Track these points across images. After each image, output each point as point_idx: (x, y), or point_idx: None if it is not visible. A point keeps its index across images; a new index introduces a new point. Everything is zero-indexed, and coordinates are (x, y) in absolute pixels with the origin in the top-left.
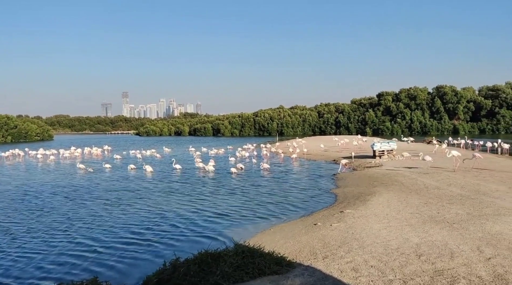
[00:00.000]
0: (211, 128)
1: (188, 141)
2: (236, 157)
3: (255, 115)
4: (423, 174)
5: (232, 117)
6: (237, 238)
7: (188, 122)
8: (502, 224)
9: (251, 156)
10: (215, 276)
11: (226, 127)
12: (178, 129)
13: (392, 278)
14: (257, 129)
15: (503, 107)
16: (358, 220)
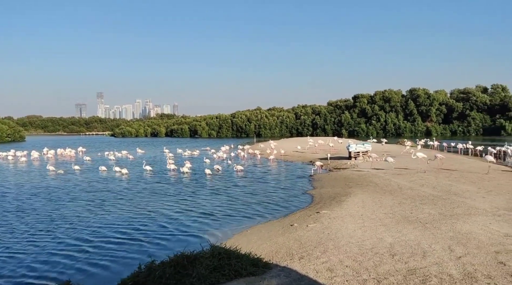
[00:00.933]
0: (188, 129)
1: (164, 143)
2: (213, 158)
3: (232, 117)
4: (397, 175)
5: (209, 118)
6: (214, 240)
7: (164, 123)
8: (472, 223)
9: (228, 157)
10: (191, 278)
11: (204, 129)
12: (155, 131)
13: (367, 278)
14: (235, 131)
15: (473, 110)
16: (333, 221)
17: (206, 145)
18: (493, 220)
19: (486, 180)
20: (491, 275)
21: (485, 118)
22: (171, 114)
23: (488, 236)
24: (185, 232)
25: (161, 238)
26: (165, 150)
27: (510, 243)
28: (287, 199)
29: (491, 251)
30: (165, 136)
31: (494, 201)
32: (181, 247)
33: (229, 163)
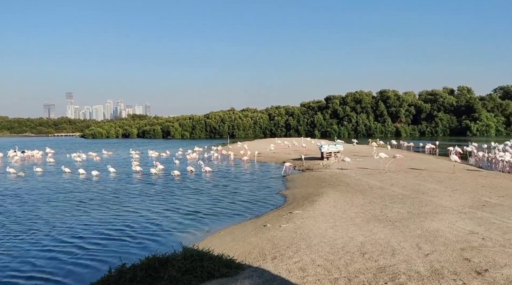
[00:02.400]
0: (161, 130)
1: (136, 144)
2: (186, 159)
3: (206, 117)
4: (367, 175)
5: (182, 119)
6: (186, 242)
7: (136, 124)
8: (439, 221)
9: (201, 158)
10: (162, 281)
11: (176, 130)
12: (126, 132)
13: (338, 277)
14: (208, 132)
15: (441, 111)
16: (306, 221)
17: (179, 146)
18: (459, 217)
19: (453, 179)
20: (457, 271)
21: (451, 119)
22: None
23: (454, 234)
24: (157, 234)
25: (133, 241)
26: (131, 151)
27: (474, 240)
28: (260, 200)
29: (457, 248)
30: (137, 137)
31: (460, 199)
32: (153, 249)
33: (200, 164)
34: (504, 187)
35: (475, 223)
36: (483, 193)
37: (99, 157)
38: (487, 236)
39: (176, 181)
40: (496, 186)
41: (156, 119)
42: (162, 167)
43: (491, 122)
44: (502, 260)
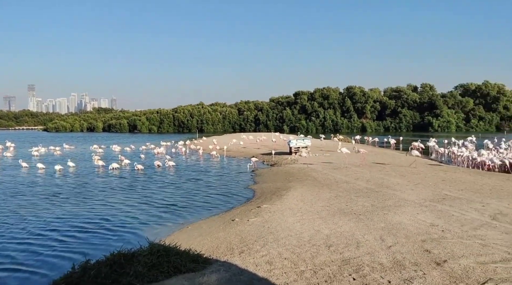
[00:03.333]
0: (127, 124)
1: (101, 138)
2: (154, 154)
3: (174, 112)
4: (334, 169)
5: (150, 113)
6: (153, 237)
7: (102, 117)
8: (401, 214)
9: (169, 153)
10: (128, 277)
11: (144, 124)
12: (91, 125)
13: (304, 269)
14: (177, 126)
15: (404, 107)
16: (274, 214)
17: (146, 140)
18: (420, 210)
19: (415, 173)
20: (418, 262)
21: (415, 115)
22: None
23: (416, 226)
24: (122, 230)
25: (98, 236)
26: (94, 146)
27: (434, 232)
28: (229, 194)
29: (418, 240)
30: (103, 131)
31: (421, 192)
32: (118, 245)
33: (165, 158)
34: (463, 181)
35: (435, 215)
36: (443, 186)
37: (61, 151)
38: (447, 228)
39: (141, 176)
40: (456, 180)
41: (122, 113)
42: (128, 161)
43: (452, 119)
44: (460, 251)
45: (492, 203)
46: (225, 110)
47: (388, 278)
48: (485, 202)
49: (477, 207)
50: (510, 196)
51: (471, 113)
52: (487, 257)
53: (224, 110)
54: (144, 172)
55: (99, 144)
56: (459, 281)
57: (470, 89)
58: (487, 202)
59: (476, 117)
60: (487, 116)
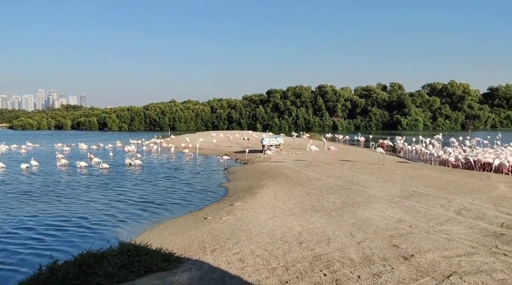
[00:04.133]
0: (97, 122)
1: (70, 136)
2: (125, 151)
3: (145, 109)
4: (306, 167)
5: (120, 110)
6: (123, 237)
7: (70, 115)
8: (370, 210)
9: (140, 151)
10: (97, 277)
11: (114, 121)
12: (59, 123)
13: (276, 266)
14: (148, 124)
15: (374, 106)
16: (246, 212)
17: (117, 138)
18: (389, 206)
19: (384, 171)
20: (386, 257)
21: (384, 114)
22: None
23: (384, 222)
24: (93, 229)
25: (67, 236)
26: (59, 144)
27: (402, 227)
28: (201, 193)
29: (386, 236)
30: (71, 129)
31: (390, 189)
32: (88, 245)
33: (137, 157)
34: (429, 178)
35: (403, 211)
36: (411, 183)
37: (25, 149)
38: (414, 224)
39: (111, 174)
40: (423, 176)
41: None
42: (98, 160)
43: (420, 117)
44: (426, 245)
45: (457, 199)
46: (198, 108)
47: (357, 273)
48: (450, 198)
49: (443, 203)
50: (474, 192)
51: (437, 112)
52: (452, 251)
53: (197, 108)
54: (113, 171)
55: (64, 142)
56: (425, 275)
57: (437, 88)
58: (452, 197)
59: (443, 116)
60: (453, 115)
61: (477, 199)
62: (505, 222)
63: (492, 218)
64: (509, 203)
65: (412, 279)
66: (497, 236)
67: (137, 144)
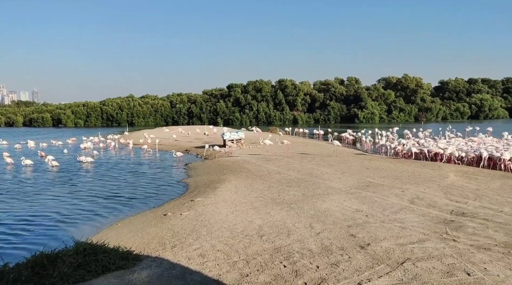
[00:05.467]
0: (51, 118)
1: (22, 133)
2: (81, 148)
3: (102, 104)
4: (267, 161)
5: (75, 106)
6: (79, 236)
7: (22, 111)
8: (329, 202)
9: (96, 148)
10: (51, 279)
11: (69, 118)
12: (10, 120)
13: (237, 260)
14: (105, 120)
15: (332, 100)
16: (207, 207)
17: (72, 134)
18: (347, 197)
19: (342, 163)
20: (344, 247)
21: (342, 107)
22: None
23: (342, 212)
24: (46, 230)
25: (16, 238)
26: (2, 142)
27: (359, 217)
28: (161, 189)
29: (344, 226)
30: (23, 126)
31: (348, 180)
32: (41, 246)
33: (94, 154)
34: (385, 169)
35: (360, 201)
36: (367, 174)
37: None
38: (370, 213)
39: (62, 173)
40: (378, 168)
41: (45, 106)
42: (50, 157)
43: (376, 111)
44: (381, 234)
45: (411, 188)
46: (157, 103)
47: (316, 263)
48: (404, 188)
49: (397, 193)
50: (426, 181)
51: (392, 105)
52: (405, 238)
53: (156, 103)
54: (67, 169)
55: (4, 140)
56: (380, 263)
57: (392, 82)
58: (406, 187)
59: (397, 109)
60: (407, 108)
61: (429, 188)
62: (454, 209)
63: (442, 206)
64: (458, 191)
65: (368, 267)
66: (447, 223)
67: (94, 140)
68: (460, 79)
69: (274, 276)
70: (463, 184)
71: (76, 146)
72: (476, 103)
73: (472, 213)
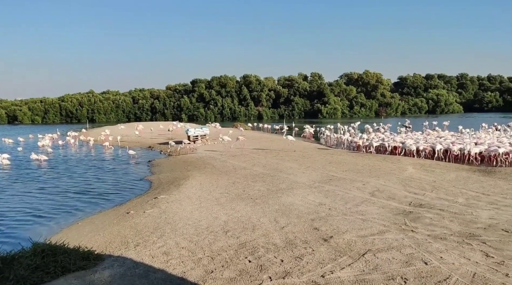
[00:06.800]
0: (6, 115)
1: None
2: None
3: (61, 100)
4: (232, 156)
5: (32, 102)
6: (37, 237)
7: None
8: (293, 196)
9: (55, 145)
10: (7, 282)
11: (25, 114)
12: None
13: (201, 256)
14: (64, 116)
15: (296, 95)
16: (172, 204)
17: (29, 132)
18: (310, 191)
19: (306, 157)
20: (308, 240)
21: (305, 103)
22: None
23: (306, 206)
24: (2, 230)
25: None
26: None
27: (322, 210)
28: (123, 187)
29: (308, 219)
30: None
31: (311, 175)
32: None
33: (50, 152)
34: (347, 163)
35: (323, 195)
36: (330, 168)
37: None
38: (333, 206)
39: (16, 171)
40: (341, 162)
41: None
42: (6, 155)
43: (338, 106)
44: (343, 226)
45: (371, 181)
46: (118, 98)
47: (281, 257)
48: (365, 181)
49: (359, 186)
50: (386, 174)
51: (354, 100)
52: (366, 230)
53: (117, 99)
54: (21, 167)
55: None
56: (343, 254)
57: (353, 78)
58: (367, 180)
59: (359, 104)
60: (368, 103)
61: (388, 181)
62: (412, 201)
63: (401, 198)
64: (416, 183)
65: (331, 259)
66: (406, 214)
67: (52, 137)
68: (418, 75)
69: (239, 272)
70: (421, 176)
71: (32, 144)
72: (433, 98)
73: (429, 204)
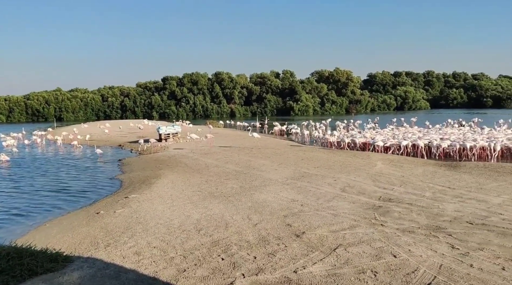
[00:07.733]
0: None
1: None
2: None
3: (26, 99)
4: (205, 154)
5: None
6: (2, 240)
7: None
8: (266, 193)
9: (21, 145)
10: None
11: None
12: None
13: (174, 255)
14: (30, 115)
15: (269, 93)
16: (143, 204)
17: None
18: (283, 188)
19: (278, 154)
20: (280, 236)
21: (278, 100)
22: None
23: (279, 203)
24: None
25: None
26: None
27: (295, 206)
28: (93, 186)
29: (281, 216)
30: None
31: (284, 172)
32: None
33: (14, 152)
34: (319, 159)
35: (296, 191)
36: (302, 165)
37: None
38: (305, 203)
39: None
40: (312, 158)
41: None
42: None
43: (310, 103)
44: (315, 222)
45: (342, 177)
46: (87, 96)
47: (254, 254)
48: (336, 177)
49: (330, 182)
50: (356, 170)
51: (325, 98)
52: (337, 225)
53: (86, 97)
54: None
55: None
56: (315, 250)
57: (324, 75)
58: (338, 176)
59: (330, 102)
60: (338, 101)
61: (359, 176)
62: (382, 195)
63: (371, 193)
64: (385, 178)
65: (304, 255)
66: (376, 209)
67: (17, 136)
68: (386, 73)
69: (212, 270)
70: (390, 171)
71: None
72: (401, 95)
73: (398, 199)
